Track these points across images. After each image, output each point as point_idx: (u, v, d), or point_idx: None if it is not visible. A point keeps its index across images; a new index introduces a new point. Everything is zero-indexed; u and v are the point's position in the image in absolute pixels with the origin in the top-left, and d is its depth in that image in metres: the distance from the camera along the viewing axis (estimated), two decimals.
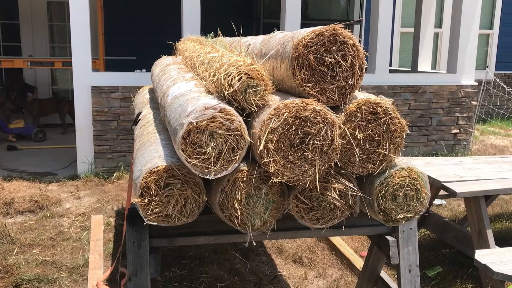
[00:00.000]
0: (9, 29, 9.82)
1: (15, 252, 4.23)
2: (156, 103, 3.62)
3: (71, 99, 7.80)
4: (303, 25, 5.41)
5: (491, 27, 12.06)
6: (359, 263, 4.03)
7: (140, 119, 3.36)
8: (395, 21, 10.95)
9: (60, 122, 9.00)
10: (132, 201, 2.09)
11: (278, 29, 2.85)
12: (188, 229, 2.32)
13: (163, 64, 3.82)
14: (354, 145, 2.08)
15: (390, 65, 9.84)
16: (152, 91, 4.24)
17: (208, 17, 6.89)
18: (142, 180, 2.02)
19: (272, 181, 2.01)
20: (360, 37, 10.37)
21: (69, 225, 4.89)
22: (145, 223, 2.06)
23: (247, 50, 2.79)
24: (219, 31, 3.71)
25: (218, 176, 1.97)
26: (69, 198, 5.65)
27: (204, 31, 5.28)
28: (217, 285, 3.80)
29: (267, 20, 9.87)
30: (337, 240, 4.50)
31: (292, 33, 2.20)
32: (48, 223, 4.91)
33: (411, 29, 10.33)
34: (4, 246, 4.33)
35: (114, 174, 6.38)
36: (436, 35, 11.65)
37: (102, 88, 6.43)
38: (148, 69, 5.36)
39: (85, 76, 6.39)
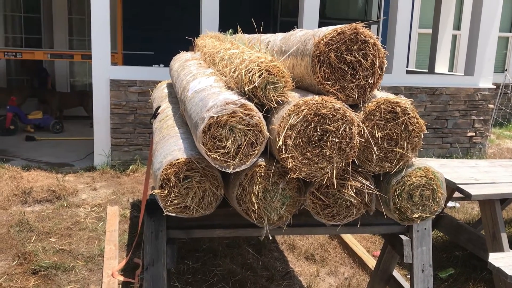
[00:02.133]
0: (31, 22, 9.97)
1: (33, 240, 4.32)
2: (174, 98, 3.67)
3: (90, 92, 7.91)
4: (320, 24, 5.42)
5: (511, 30, 11.91)
6: (371, 262, 4.04)
7: (159, 113, 3.41)
8: (413, 22, 10.89)
9: (84, 115, 9.07)
10: (152, 192, 2.13)
11: (296, 28, 2.87)
12: (205, 221, 2.37)
13: (182, 59, 3.86)
14: (372, 143, 2.10)
15: (407, 66, 9.79)
16: (170, 86, 4.29)
17: (225, 15, 6.93)
18: (162, 171, 2.07)
19: (289, 176, 2.04)
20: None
21: (85, 215, 4.98)
22: (164, 214, 2.10)
23: (267, 47, 2.82)
24: (238, 28, 3.74)
25: (237, 170, 2.00)
26: (85, 189, 5.74)
27: (222, 28, 5.32)
28: (230, 278, 3.85)
29: (284, 18, 9.87)
30: (349, 239, 4.52)
31: (313, 31, 2.23)
32: (65, 212, 5.00)
33: (429, 31, 10.27)
34: (22, 233, 4.43)
35: (130, 167, 6.47)
36: (455, 37, 11.56)
37: (121, 82, 6.51)
38: (166, 64, 5.41)
39: (104, 69, 6.48)
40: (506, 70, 11.46)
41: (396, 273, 3.41)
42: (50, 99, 8.96)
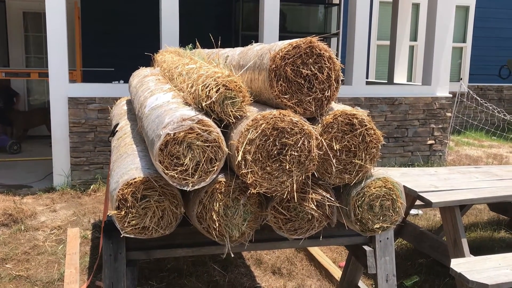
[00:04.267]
0: None
1: None
2: (133, 115, 3.60)
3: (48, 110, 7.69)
4: (281, 38, 5.47)
5: (464, 41, 12.37)
6: (337, 273, 4.04)
7: (117, 131, 3.33)
8: (372, 34, 11.15)
9: (46, 134, 8.82)
10: (108, 213, 2.07)
11: (257, 42, 2.88)
12: (165, 241, 2.31)
13: (141, 75, 3.81)
14: (331, 156, 2.10)
15: (367, 77, 10.00)
16: (129, 103, 4.22)
17: (187, 29, 6.91)
18: (119, 192, 2.01)
19: (250, 192, 2.02)
20: (337, 49, 10.51)
21: (44, 238, 4.80)
22: (121, 236, 2.04)
23: (226, 62, 2.81)
24: (197, 43, 3.72)
25: (196, 187, 1.97)
26: (44, 211, 5.55)
27: (183, 43, 5.29)
28: None
29: (245, 32, 9.92)
30: (315, 251, 4.52)
31: (269, 45, 2.23)
32: (23, 236, 4.80)
33: (387, 42, 10.54)
34: None
35: (91, 187, 6.30)
36: (412, 48, 11.89)
37: (79, 99, 6.37)
38: (126, 81, 5.33)
39: (61, 87, 6.31)
40: (461, 79, 11.85)
41: (362, 284, 3.43)
42: (14, 119, 8.70)
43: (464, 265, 3.27)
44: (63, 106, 6.34)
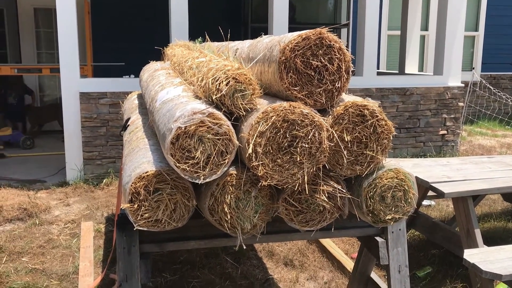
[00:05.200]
0: None
1: (4, 260, 4.19)
2: (144, 109, 3.62)
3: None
4: (290, 29, 5.44)
5: (476, 29, 12.21)
6: (349, 264, 4.05)
7: (129, 125, 3.35)
8: (382, 24, 11.05)
9: (58, 129, 8.91)
10: (121, 207, 2.09)
11: (266, 34, 2.86)
12: (178, 234, 2.33)
13: (151, 69, 3.82)
14: (342, 147, 2.10)
15: (378, 68, 9.93)
16: (140, 97, 4.24)
17: (196, 22, 6.90)
18: (131, 185, 2.03)
19: (261, 184, 2.02)
20: (347, 40, 10.44)
21: (58, 232, 4.86)
22: (135, 229, 2.06)
23: (235, 54, 2.81)
24: (207, 36, 3.72)
25: (207, 180, 1.98)
26: (58, 205, 5.61)
27: (192, 36, 5.28)
28: None
29: (255, 24, 9.90)
30: (327, 242, 4.52)
31: (279, 37, 2.22)
32: (38, 230, 4.87)
33: (398, 32, 10.43)
34: None
35: (104, 180, 6.35)
36: (423, 38, 11.77)
37: (91, 94, 6.41)
38: (137, 75, 5.35)
39: (73, 82, 6.36)
40: (473, 68, 11.72)
41: (374, 275, 3.42)
42: (28, 114, 8.82)
43: (478, 255, 3.25)
44: (75, 101, 6.39)
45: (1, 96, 9.11)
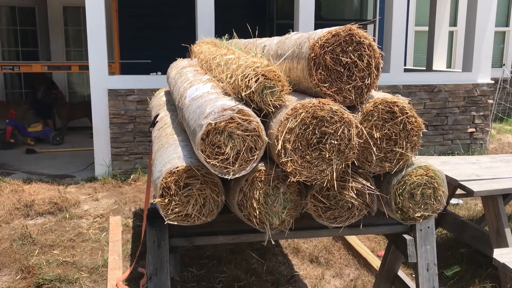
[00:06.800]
0: (27, 35, 10.00)
1: (36, 253, 4.31)
2: (172, 105, 3.67)
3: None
4: (316, 26, 5.42)
5: (507, 25, 11.92)
6: (376, 262, 4.03)
7: (157, 121, 3.40)
8: (409, 20, 10.88)
9: (86, 125, 9.10)
10: (152, 201, 2.13)
11: (292, 30, 2.87)
12: (207, 228, 2.36)
13: (179, 66, 3.86)
14: (371, 144, 2.09)
15: (405, 65, 9.79)
16: (168, 94, 4.29)
17: (221, 19, 6.94)
18: (162, 180, 2.06)
19: (289, 180, 2.03)
20: (374, 36, 10.33)
21: (88, 226, 4.97)
22: (165, 223, 2.09)
23: (263, 51, 2.82)
24: (234, 33, 3.74)
25: (237, 176, 2.00)
26: (87, 200, 5.74)
27: (218, 34, 5.32)
28: (235, 285, 3.83)
29: (280, 21, 9.88)
30: (353, 240, 4.50)
31: (308, 34, 2.23)
32: (68, 224, 4.99)
33: (426, 28, 10.27)
34: (25, 247, 4.42)
35: (131, 176, 6.46)
36: (451, 34, 11.56)
37: (119, 91, 6.52)
38: (163, 72, 5.41)
39: (101, 79, 6.48)
40: (504, 64, 11.45)
41: (401, 273, 3.40)
42: (59, 111, 9.04)
43: (508, 255, 3.20)
44: (103, 98, 6.51)
45: (32, 94, 9.35)
